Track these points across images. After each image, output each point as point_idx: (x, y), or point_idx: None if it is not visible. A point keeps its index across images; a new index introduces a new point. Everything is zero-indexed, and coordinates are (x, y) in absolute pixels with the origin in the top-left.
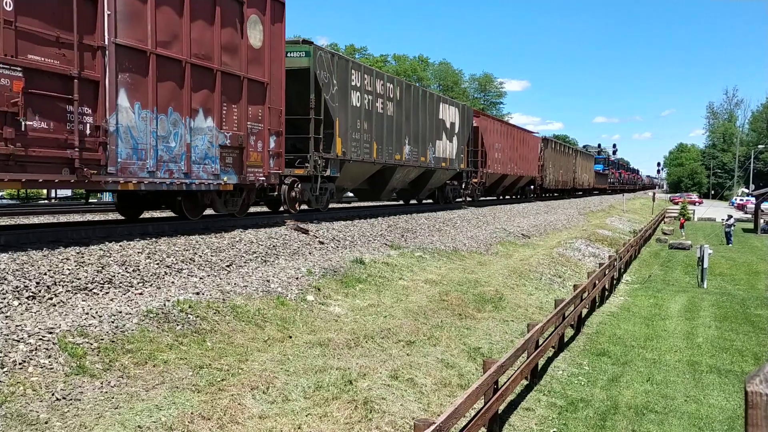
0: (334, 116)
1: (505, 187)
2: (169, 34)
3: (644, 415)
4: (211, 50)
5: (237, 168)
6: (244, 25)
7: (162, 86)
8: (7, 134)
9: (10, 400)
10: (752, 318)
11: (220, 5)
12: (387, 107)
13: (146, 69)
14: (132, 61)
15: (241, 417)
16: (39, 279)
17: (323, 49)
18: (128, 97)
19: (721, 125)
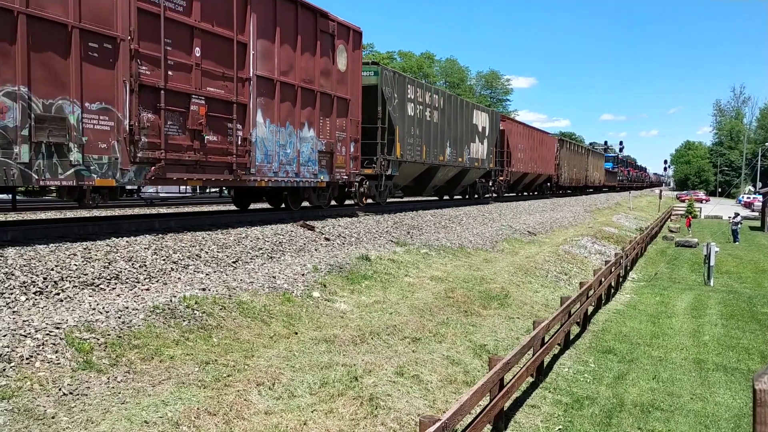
0: (395, 124)
1: (526, 185)
2: (287, 65)
3: (650, 412)
4: (313, 75)
5: (328, 169)
6: (335, 53)
7: (282, 105)
8: (196, 146)
9: (17, 394)
10: (759, 316)
11: (320, 39)
12: (433, 115)
13: (273, 93)
14: (265, 87)
15: (247, 413)
16: (46, 274)
17: (387, 68)
18: (263, 115)
19: (729, 122)
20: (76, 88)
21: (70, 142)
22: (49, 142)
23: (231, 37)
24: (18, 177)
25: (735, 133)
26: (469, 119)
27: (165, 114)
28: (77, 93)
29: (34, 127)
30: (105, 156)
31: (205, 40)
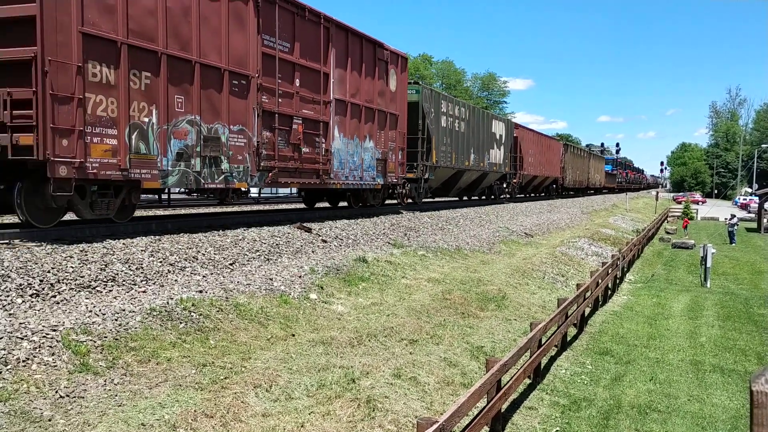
0: (432, 135)
1: (535, 186)
2: (355, 88)
3: (647, 414)
4: (372, 96)
5: (383, 173)
6: (388, 76)
7: (351, 122)
8: (296, 157)
9: (14, 397)
10: (755, 317)
11: (377, 65)
12: (460, 126)
13: (345, 112)
14: (340, 107)
15: (244, 415)
16: (43, 277)
17: (426, 87)
18: (338, 130)
19: (725, 124)
20: (225, 115)
21: (222, 155)
22: (210, 156)
23: (318, 69)
24: (193, 181)
25: (731, 134)
26: (489, 128)
27: (277, 132)
28: (226, 118)
29: (202, 145)
30: (241, 165)
31: (302, 73)
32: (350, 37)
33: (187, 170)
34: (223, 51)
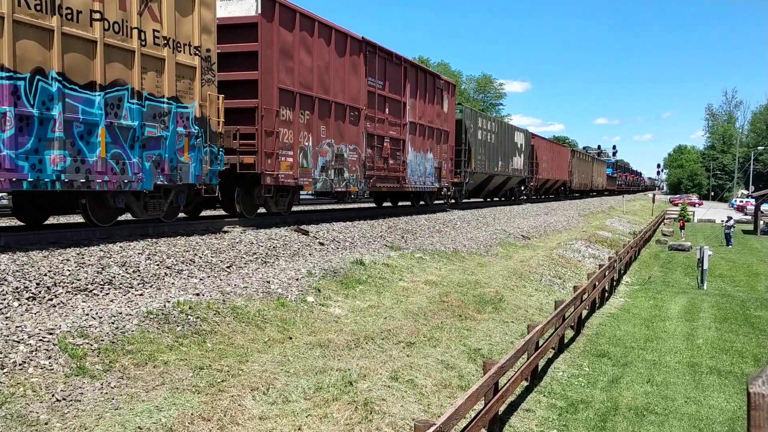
0: (471, 147)
1: (547, 189)
2: (421, 112)
3: (644, 416)
4: (432, 117)
5: (438, 179)
6: (442, 100)
7: (418, 139)
8: (385, 167)
9: (10, 401)
10: (752, 319)
11: (435, 93)
12: (491, 137)
13: (415, 131)
14: (412, 128)
15: (242, 418)
16: (39, 280)
17: (467, 107)
18: (411, 146)
19: (721, 126)
20: (347, 138)
21: (344, 167)
22: (338, 167)
23: (399, 100)
24: (329, 186)
25: (727, 137)
26: (512, 138)
27: (375, 149)
28: (347, 140)
29: (335, 160)
30: (354, 174)
31: (389, 103)
32: (418, 72)
33: (326, 178)
34: (345, 91)
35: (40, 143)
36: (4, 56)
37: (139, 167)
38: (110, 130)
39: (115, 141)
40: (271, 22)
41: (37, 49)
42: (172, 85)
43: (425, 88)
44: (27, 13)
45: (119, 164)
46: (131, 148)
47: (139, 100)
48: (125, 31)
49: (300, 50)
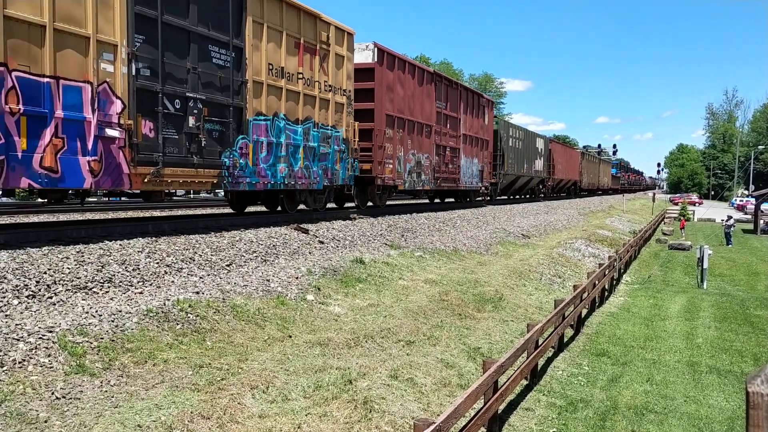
0: (504, 152)
1: (560, 188)
2: (470, 125)
3: (644, 415)
4: (478, 129)
5: (480, 179)
6: (484, 114)
7: (468, 147)
8: (446, 170)
9: (9, 398)
10: (752, 319)
11: (480, 109)
12: (519, 144)
13: (466, 141)
14: (464, 138)
15: (241, 416)
16: (39, 278)
17: (501, 119)
18: (463, 153)
19: (721, 126)
20: (423, 149)
21: (421, 171)
22: (418, 171)
23: (456, 117)
24: (413, 185)
25: (728, 136)
26: (534, 144)
27: (440, 156)
28: (423, 150)
29: (416, 166)
30: (427, 176)
31: (449, 120)
32: (468, 93)
33: (411, 180)
34: (422, 113)
35: (275, 159)
36: (263, 107)
37: (317, 174)
38: (305, 150)
39: (306, 157)
40: (381, 66)
41: (274, 100)
42: (332, 117)
43: (473, 105)
44: (271, 78)
45: (308, 172)
46: (313, 161)
47: (316, 129)
48: (311, 84)
49: (396, 84)
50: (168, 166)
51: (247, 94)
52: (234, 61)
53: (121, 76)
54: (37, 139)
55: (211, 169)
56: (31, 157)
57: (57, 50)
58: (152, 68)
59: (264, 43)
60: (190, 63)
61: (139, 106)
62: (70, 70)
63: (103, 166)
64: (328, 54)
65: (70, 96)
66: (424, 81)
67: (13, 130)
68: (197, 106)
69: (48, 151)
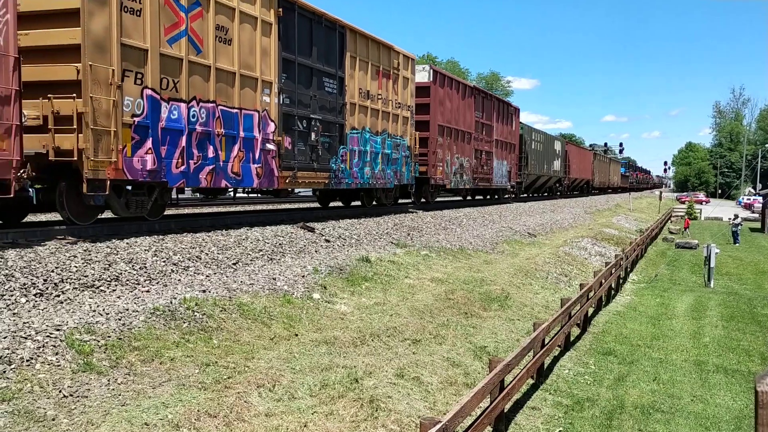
0: (528, 155)
1: (575, 186)
2: (500, 131)
3: (651, 414)
4: (507, 134)
5: (508, 179)
6: (512, 121)
7: (498, 150)
8: (481, 171)
9: (17, 396)
10: (759, 318)
11: (508, 117)
12: (539, 146)
13: (497, 146)
14: (496, 143)
15: (248, 415)
16: (46, 276)
17: (526, 125)
18: (495, 156)
19: (728, 124)
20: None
21: (463, 173)
22: (460, 173)
23: (491, 124)
24: (457, 185)
25: (735, 134)
26: (553, 146)
27: (477, 159)
28: (464, 154)
29: (459, 168)
30: (468, 177)
31: (485, 127)
32: (500, 103)
33: (456, 180)
34: (464, 122)
35: (363, 164)
36: (355, 122)
37: (389, 175)
38: (382, 156)
39: (383, 161)
40: (435, 84)
41: (362, 117)
42: (400, 128)
43: (503, 113)
44: (360, 100)
45: (383, 174)
46: (387, 165)
47: (390, 138)
48: (386, 102)
49: (446, 99)
50: (299, 170)
51: (345, 113)
52: (338, 88)
53: (274, 105)
54: (230, 152)
55: (323, 173)
56: (227, 165)
57: (241, 89)
58: (291, 97)
59: (356, 72)
60: (312, 92)
61: (283, 127)
62: (247, 102)
63: (264, 171)
64: (397, 77)
65: (247, 121)
66: (465, 95)
67: (219, 147)
68: (316, 124)
69: (235, 161)
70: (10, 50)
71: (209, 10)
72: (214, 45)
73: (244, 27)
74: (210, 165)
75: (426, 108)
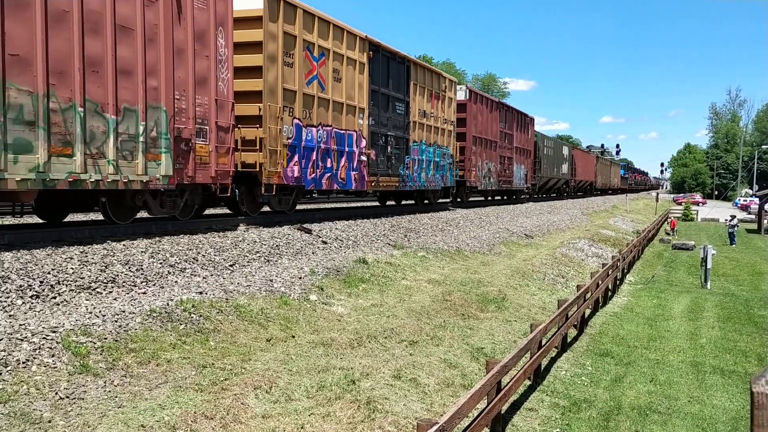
0: (541, 159)
1: (580, 187)
2: (519, 139)
3: (647, 415)
4: (524, 142)
5: (525, 181)
6: (528, 130)
7: (517, 156)
8: (504, 174)
9: (13, 398)
10: (756, 319)
11: (526, 125)
12: (550, 152)
13: (517, 152)
14: (516, 150)
15: (244, 416)
16: (43, 278)
17: (539, 132)
18: (515, 162)
19: (725, 125)
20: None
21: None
22: (488, 176)
23: (511, 133)
24: (486, 186)
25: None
26: (561, 151)
27: (501, 164)
28: (491, 160)
29: (487, 171)
30: (494, 179)
31: (507, 136)
32: (519, 114)
33: (485, 182)
34: (491, 132)
35: (420, 170)
36: (416, 136)
37: (438, 179)
38: (433, 163)
39: (434, 168)
40: (470, 101)
41: (420, 132)
42: (446, 140)
43: (520, 123)
44: (419, 118)
45: (434, 178)
46: (436, 171)
47: (438, 149)
48: (437, 119)
49: (478, 114)
50: (380, 176)
51: (409, 129)
52: (405, 109)
53: (365, 126)
54: (339, 163)
55: (395, 178)
56: (338, 173)
57: (346, 115)
58: (375, 119)
59: (417, 96)
60: (388, 114)
61: (371, 142)
62: (350, 125)
63: (359, 177)
64: (444, 97)
65: (349, 139)
66: (492, 108)
67: (333, 159)
68: (390, 139)
69: (342, 169)
70: (230, 97)
71: (329, 58)
72: (332, 83)
73: (348, 68)
74: (328, 173)
75: (463, 122)
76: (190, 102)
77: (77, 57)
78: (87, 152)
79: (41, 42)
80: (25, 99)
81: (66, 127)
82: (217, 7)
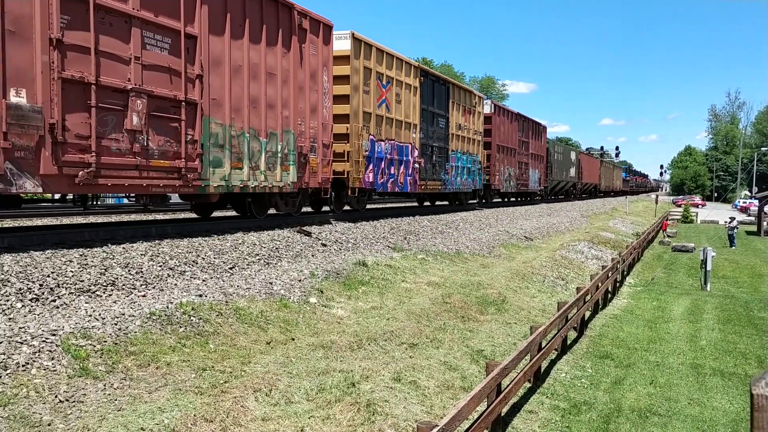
0: (552, 164)
1: (585, 190)
2: (534, 146)
3: (647, 417)
4: (538, 148)
5: (539, 184)
6: (542, 137)
7: (532, 161)
8: (520, 176)
9: (13, 402)
10: (756, 321)
11: (538, 133)
12: (560, 156)
13: (532, 158)
14: (531, 156)
15: (244, 419)
16: (42, 281)
17: (551, 139)
18: (530, 167)
19: (724, 127)
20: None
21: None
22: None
23: (527, 141)
24: (507, 189)
25: (730, 138)
26: (569, 156)
27: (519, 169)
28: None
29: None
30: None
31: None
32: (534, 123)
33: (507, 185)
34: (511, 141)
35: (456, 175)
36: (453, 146)
37: (469, 183)
38: (465, 170)
39: (466, 173)
40: (495, 114)
41: (456, 142)
42: (475, 149)
43: (535, 131)
44: (456, 131)
45: (466, 182)
46: (467, 176)
47: (470, 156)
48: (469, 131)
49: (500, 124)
50: (428, 181)
51: (449, 140)
52: (445, 124)
53: (417, 138)
54: (399, 170)
55: (438, 182)
56: (398, 178)
57: (404, 130)
58: (424, 133)
59: (454, 112)
60: (433, 128)
61: (421, 152)
62: (406, 138)
63: (413, 182)
64: (474, 111)
65: (406, 150)
66: (512, 119)
67: (394, 167)
68: (435, 149)
69: (401, 175)
70: (330, 120)
71: (393, 84)
72: (394, 105)
73: (406, 92)
74: (392, 178)
75: (489, 132)
76: (307, 126)
77: (246, 97)
78: (250, 166)
79: (228, 88)
80: (218, 129)
81: (239, 148)
82: (323, 52)
